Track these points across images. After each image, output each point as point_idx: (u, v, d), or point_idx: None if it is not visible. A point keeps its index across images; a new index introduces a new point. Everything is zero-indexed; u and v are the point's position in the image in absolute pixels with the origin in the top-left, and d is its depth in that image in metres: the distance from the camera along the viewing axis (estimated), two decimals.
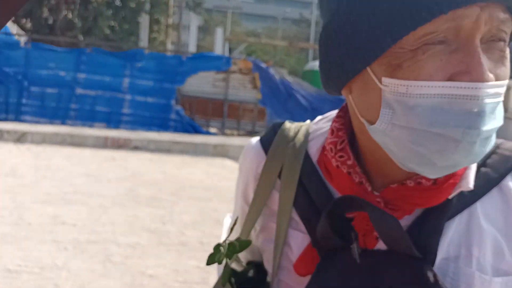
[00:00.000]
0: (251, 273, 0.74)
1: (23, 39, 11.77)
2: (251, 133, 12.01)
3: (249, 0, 48.97)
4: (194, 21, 22.65)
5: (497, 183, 0.60)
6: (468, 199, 0.59)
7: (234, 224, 0.71)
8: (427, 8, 0.48)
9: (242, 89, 11.95)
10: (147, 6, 19.39)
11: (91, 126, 10.63)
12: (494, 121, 0.51)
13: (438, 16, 0.48)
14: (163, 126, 11.27)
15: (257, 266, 0.74)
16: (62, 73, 10.54)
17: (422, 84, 0.49)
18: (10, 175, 6.22)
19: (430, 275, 0.55)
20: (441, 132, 0.49)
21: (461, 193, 0.58)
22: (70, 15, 15.67)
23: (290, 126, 0.73)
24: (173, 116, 11.37)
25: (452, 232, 0.58)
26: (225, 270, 0.71)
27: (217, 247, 0.70)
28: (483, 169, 0.61)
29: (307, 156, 0.68)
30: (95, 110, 10.77)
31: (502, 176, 0.60)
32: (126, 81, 11.01)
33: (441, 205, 0.58)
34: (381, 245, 0.59)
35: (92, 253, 3.82)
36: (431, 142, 0.50)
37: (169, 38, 22.49)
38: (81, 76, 10.69)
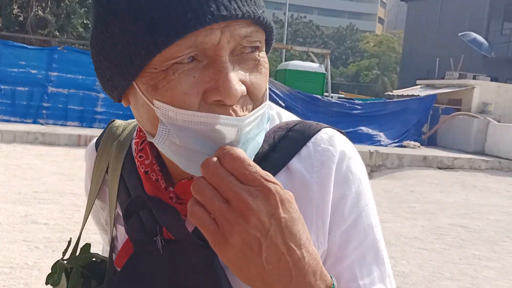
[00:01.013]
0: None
1: None
2: None
3: None
4: None
5: (284, 166, 0.64)
6: None
7: (68, 245, 0.77)
8: (166, 33, 0.51)
9: None
10: None
11: (63, 124, 10.48)
12: (253, 141, 0.57)
13: (176, 40, 0.51)
14: None
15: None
16: (33, 72, 10.36)
17: (187, 113, 0.53)
18: None
19: (215, 261, 0.61)
20: (208, 152, 0.54)
21: None
22: (41, 13, 15.35)
23: (119, 124, 0.77)
24: None
25: None
26: (73, 277, 0.73)
27: (54, 265, 0.73)
28: (272, 154, 0.65)
29: (130, 153, 0.72)
30: (68, 109, 10.62)
31: (289, 159, 0.65)
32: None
33: None
34: None
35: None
36: (201, 158, 0.53)
37: None
38: (54, 74, 10.53)
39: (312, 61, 15.15)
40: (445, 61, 20.45)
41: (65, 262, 0.74)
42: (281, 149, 0.66)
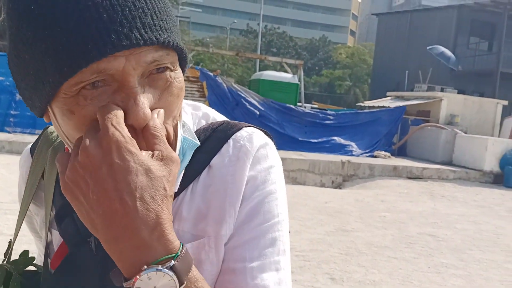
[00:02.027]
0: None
1: None
2: None
3: (197, 10, 48.82)
4: None
5: (207, 164, 0.67)
6: (185, 183, 0.66)
7: (8, 249, 0.77)
8: (69, 64, 0.52)
9: (190, 97, 11.93)
10: None
11: (32, 133, 10.21)
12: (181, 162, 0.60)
13: (79, 70, 0.52)
14: None
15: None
16: (0, 78, 10.08)
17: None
18: None
19: None
20: None
21: (183, 179, 0.66)
22: None
23: (54, 130, 0.77)
24: None
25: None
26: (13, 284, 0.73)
27: None
28: (198, 156, 0.67)
29: None
30: (36, 117, 10.36)
31: (212, 157, 0.67)
32: None
33: None
34: None
35: None
36: None
37: None
38: None
39: (286, 71, 15.30)
40: (414, 74, 21.01)
41: (7, 266, 0.73)
42: (205, 149, 0.68)
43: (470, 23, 23.22)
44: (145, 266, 0.50)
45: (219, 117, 0.75)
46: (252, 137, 0.69)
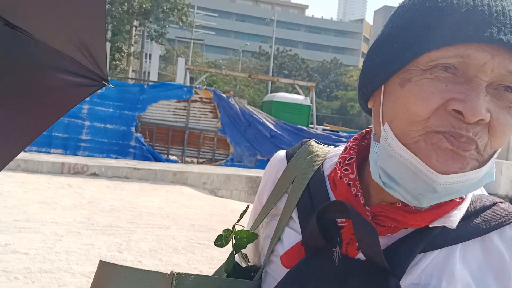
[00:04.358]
0: (251, 270, 0.79)
1: None
2: (211, 161, 12.04)
3: (211, 32, 49.64)
4: (156, 50, 22.74)
5: (482, 234, 0.64)
6: (451, 239, 0.63)
7: (245, 211, 0.80)
8: (439, 37, 0.55)
9: (203, 118, 12.04)
10: (109, 34, 19.37)
11: (47, 152, 10.35)
12: (451, 195, 0.58)
13: (444, 46, 0.55)
14: (122, 153, 11.14)
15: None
16: None
17: (401, 147, 0.58)
18: None
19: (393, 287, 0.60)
20: (406, 185, 0.59)
21: (447, 232, 0.63)
22: None
23: (314, 144, 0.82)
24: (133, 143, 11.28)
25: (429, 262, 0.62)
26: (229, 259, 0.77)
27: (226, 230, 0.77)
28: (474, 219, 0.64)
29: (320, 169, 0.76)
30: (52, 136, 10.52)
31: (489, 230, 0.64)
32: (85, 108, 10.88)
33: (422, 233, 0.62)
34: (361, 257, 0.63)
35: (44, 283, 3.69)
36: (399, 188, 0.59)
37: (130, 66, 22.42)
38: None
39: (297, 93, 15.40)
40: None
41: (235, 229, 0.77)
42: (483, 218, 0.65)
43: None
44: None
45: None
46: None
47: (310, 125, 13.77)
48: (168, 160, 11.48)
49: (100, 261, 0.74)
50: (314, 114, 14.37)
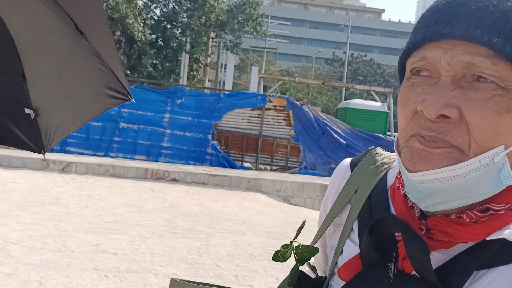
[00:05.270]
0: (318, 283, 0.76)
1: None
2: (284, 168, 12.09)
3: (284, 41, 49.92)
4: (231, 60, 23.34)
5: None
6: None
7: (301, 227, 0.77)
8: (411, 45, 0.59)
9: (276, 126, 12.14)
10: (188, 46, 20.21)
11: (132, 158, 11.02)
12: (443, 197, 0.56)
13: (412, 52, 0.58)
14: (200, 159, 11.56)
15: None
16: None
17: (396, 155, 0.62)
18: (55, 204, 6.47)
19: None
20: (408, 191, 0.60)
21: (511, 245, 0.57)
22: None
23: (380, 152, 0.80)
24: (209, 150, 11.66)
25: (492, 279, 0.57)
26: (292, 272, 0.74)
27: (284, 246, 0.75)
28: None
29: (383, 179, 0.74)
30: (136, 143, 11.21)
31: None
32: (166, 117, 11.47)
33: (480, 248, 0.58)
34: (417, 273, 0.60)
35: (131, 282, 3.88)
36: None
37: (207, 75, 23.22)
38: (125, 111, 11.22)
39: (373, 99, 14.99)
40: None
41: (296, 244, 0.75)
42: None
43: None
44: None
45: None
46: None
47: (388, 133, 13.34)
48: (242, 167, 11.70)
49: (171, 279, 0.75)
50: (392, 121, 13.91)
